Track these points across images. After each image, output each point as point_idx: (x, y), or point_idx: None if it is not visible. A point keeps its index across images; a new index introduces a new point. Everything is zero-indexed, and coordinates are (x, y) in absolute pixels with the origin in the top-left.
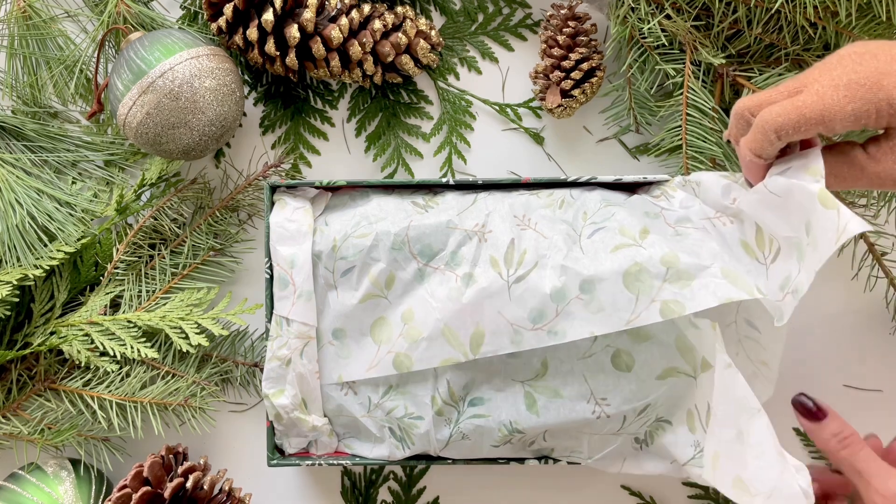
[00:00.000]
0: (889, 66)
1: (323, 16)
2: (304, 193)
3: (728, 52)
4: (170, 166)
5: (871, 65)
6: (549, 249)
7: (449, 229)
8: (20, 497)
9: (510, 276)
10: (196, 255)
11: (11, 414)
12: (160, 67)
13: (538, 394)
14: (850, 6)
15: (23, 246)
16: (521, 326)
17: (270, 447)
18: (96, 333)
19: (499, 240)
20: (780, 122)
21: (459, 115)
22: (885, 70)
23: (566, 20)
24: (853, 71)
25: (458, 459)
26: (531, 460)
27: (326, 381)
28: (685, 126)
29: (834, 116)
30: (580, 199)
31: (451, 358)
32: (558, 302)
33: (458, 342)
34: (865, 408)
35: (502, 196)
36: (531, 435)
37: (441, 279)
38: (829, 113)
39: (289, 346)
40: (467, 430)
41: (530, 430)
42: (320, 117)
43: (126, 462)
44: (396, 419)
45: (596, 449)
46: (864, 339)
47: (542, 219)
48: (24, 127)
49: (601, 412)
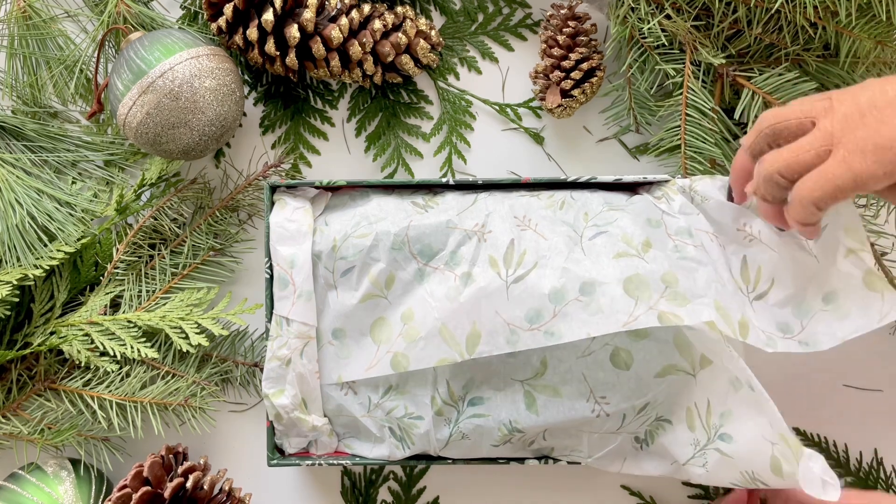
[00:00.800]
0: None
1: (323, 16)
2: (304, 193)
3: (728, 52)
4: (170, 166)
5: (893, 122)
6: (549, 251)
7: (449, 229)
8: (20, 497)
9: (509, 277)
10: (196, 255)
11: (11, 414)
12: (160, 67)
13: (538, 393)
14: (849, 6)
15: (23, 246)
16: (517, 327)
17: (270, 447)
18: (96, 333)
19: (498, 240)
20: (816, 196)
21: (459, 115)
22: None
23: (566, 20)
24: (877, 133)
25: (458, 459)
26: (531, 460)
27: (326, 381)
28: (684, 126)
29: (867, 182)
30: (581, 200)
31: (447, 358)
32: (556, 303)
33: (454, 342)
34: (865, 408)
35: (502, 197)
36: (531, 434)
37: (441, 279)
38: (862, 180)
39: (289, 346)
40: (467, 429)
41: (530, 430)
42: (320, 117)
43: (126, 462)
44: (396, 419)
45: (596, 448)
46: (864, 339)
47: (542, 220)
48: (24, 127)
49: (601, 410)
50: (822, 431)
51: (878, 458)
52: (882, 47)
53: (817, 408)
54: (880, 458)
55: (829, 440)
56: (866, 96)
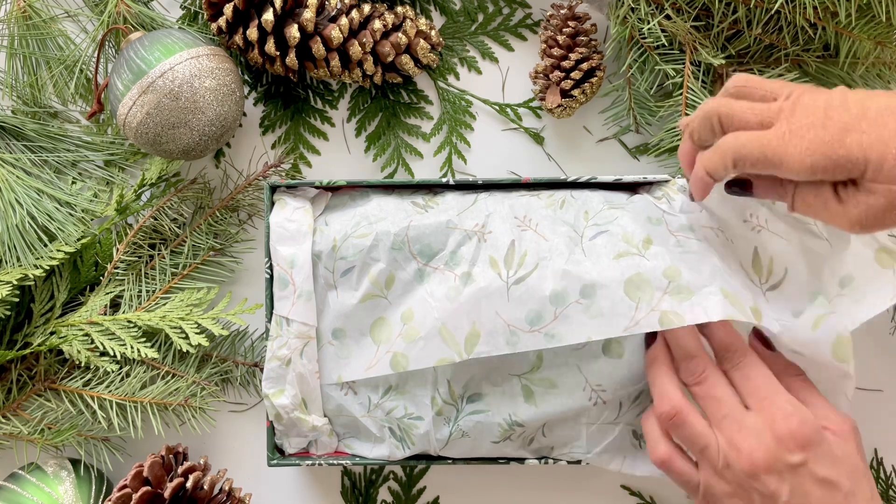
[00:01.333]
0: (857, 121)
1: (323, 16)
2: (304, 193)
3: (728, 53)
4: (170, 166)
5: (839, 120)
6: (550, 252)
7: (449, 229)
8: (20, 497)
9: (510, 277)
10: (196, 255)
11: (11, 414)
12: (160, 67)
13: (535, 386)
14: (849, 7)
15: (23, 246)
16: (517, 328)
17: (270, 447)
18: (96, 333)
19: (499, 241)
20: (742, 153)
21: (459, 115)
22: (852, 126)
23: (566, 20)
24: (821, 126)
25: (459, 459)
26: (531, 460)
27: (326, 381)
28: None
29: (791, 166)
30: (581, 199)
31: (446, 358)
32: (557, 305)
33: (454, 341)
34: (865, 408)
35: (503, 197)
36: (531, 429)
37: (441, 279)
38: (787, 161)
39: (289, 346)
40: (467, 427)
41: (530, 423)
42: (320, 117)
43: (126, 462)
44: (396, 419)
45: (595, 441)
46: (864, 339)
47: (542, 219)
48: (24, 127)
49: (597, 398)
50: None
51: (878, 458)
52: (882, 48)
53: None
54: (880, 458)
55: None
56: (825, 97)
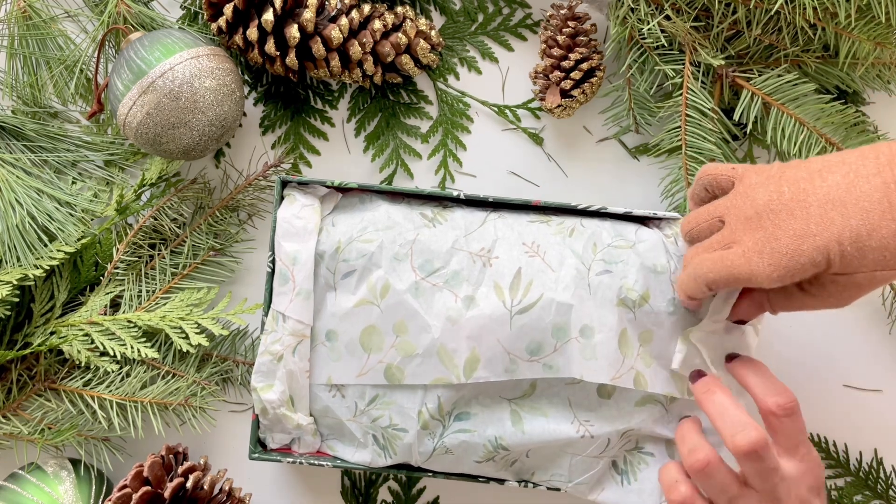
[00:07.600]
0: (806, 225)
1: (323, 16)
2: (315, 191)
3: (727, 53)
4: (170, 166)
5: (789, 228)
6: (556, 283)
7: (454, 249)
8: (20, 497)
9: (513, 306)
10: (196, 255)
11: (11, 414)
12: (160, 67)
13: (524, 412)
14: (849, 7)
15: (23, 246)
16: (517, 356)
17: (253, 440)
18: (96, 333)
19: (505, 267)
20: (711, 277)
21: (456, 118)
22: (802, 232)
23: (566, 20)
24: (773, 238)
25: (439, 473)
26: (511, 482)
27: (316, 380)
28: (685, 127)
29: (761, 281)
30: (591, 229)
31: (442, 378)
32: (558, 339)
33: (452, 364)
34: (865, 408)
35: (513, 221)
36: (515, 453)
37: (439, 297)
38: (756, 278)
39: (282, 342)
40: (452, 444)
41: (515, 447)
42: (320, 117)
43: (126, 462)
44: (381, 428)
45: (577, 472)
46: (864, 339)
47: (550, 247)
48: (24, 127)
49: (585, 432)
50: (822, 431)
51: (878, 458)
52: (881, 48)
53: (817, 408)
54: (880, 458)
55: (829, 440)
56: (764, 198)
